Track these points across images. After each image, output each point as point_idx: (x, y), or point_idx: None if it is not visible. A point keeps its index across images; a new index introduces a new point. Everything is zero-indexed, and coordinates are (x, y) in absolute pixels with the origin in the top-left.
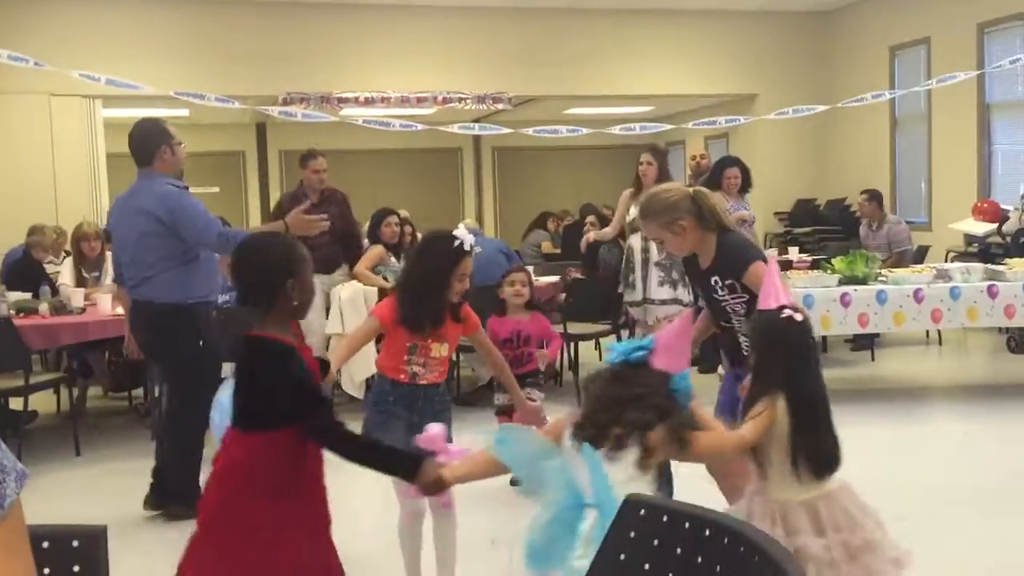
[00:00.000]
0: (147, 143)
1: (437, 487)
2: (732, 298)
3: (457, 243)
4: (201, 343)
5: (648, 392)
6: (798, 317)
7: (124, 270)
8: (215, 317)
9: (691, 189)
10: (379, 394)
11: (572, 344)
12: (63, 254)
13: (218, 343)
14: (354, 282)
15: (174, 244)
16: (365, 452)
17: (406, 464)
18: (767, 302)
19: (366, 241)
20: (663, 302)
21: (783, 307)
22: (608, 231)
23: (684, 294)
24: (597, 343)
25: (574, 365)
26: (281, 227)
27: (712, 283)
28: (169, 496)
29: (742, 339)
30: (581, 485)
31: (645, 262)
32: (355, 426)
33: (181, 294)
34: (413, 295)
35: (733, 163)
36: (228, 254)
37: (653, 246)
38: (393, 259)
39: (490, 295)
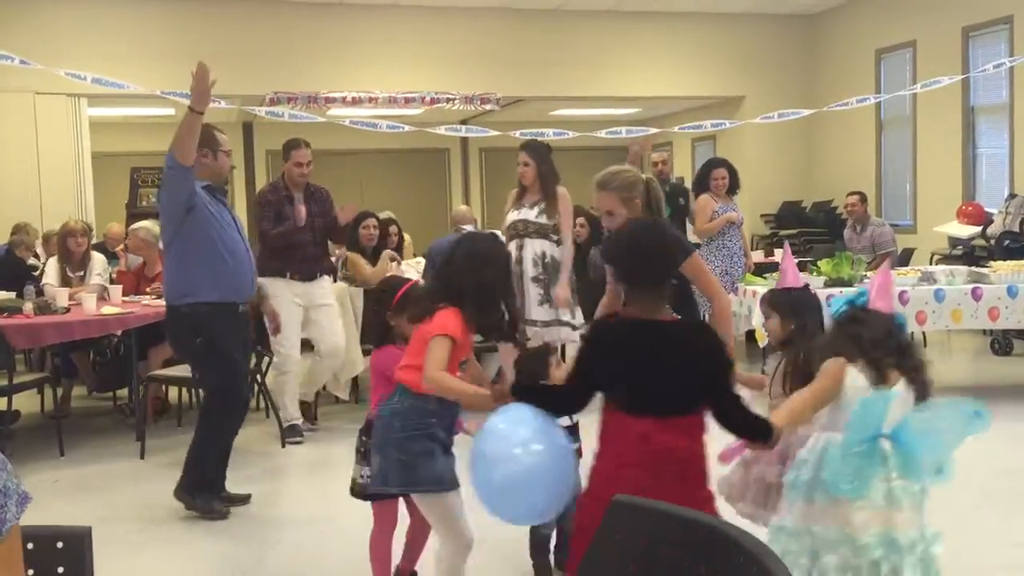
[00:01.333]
0: None
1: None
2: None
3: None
4: (201, 343)
5: (890, 331)
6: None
7: None
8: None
9: (644, 176)
10: (418, 417)
11: (560, 347)
12: (49, 254)
13: (234, 346)
14: (334, 286)
15: (169, 242)
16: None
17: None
18: (796, 281)
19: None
20: (545, 324)
21: (806, 285)
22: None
23: (568, 314)
24: None
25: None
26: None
27: None
28: (180, 481)
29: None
30: (877, 419)
31: (520, 275)
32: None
33: (176, 293)
34: (487, 304)
35: (720, 163)
36: (184, 172)
37: (528, 257)
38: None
39: None
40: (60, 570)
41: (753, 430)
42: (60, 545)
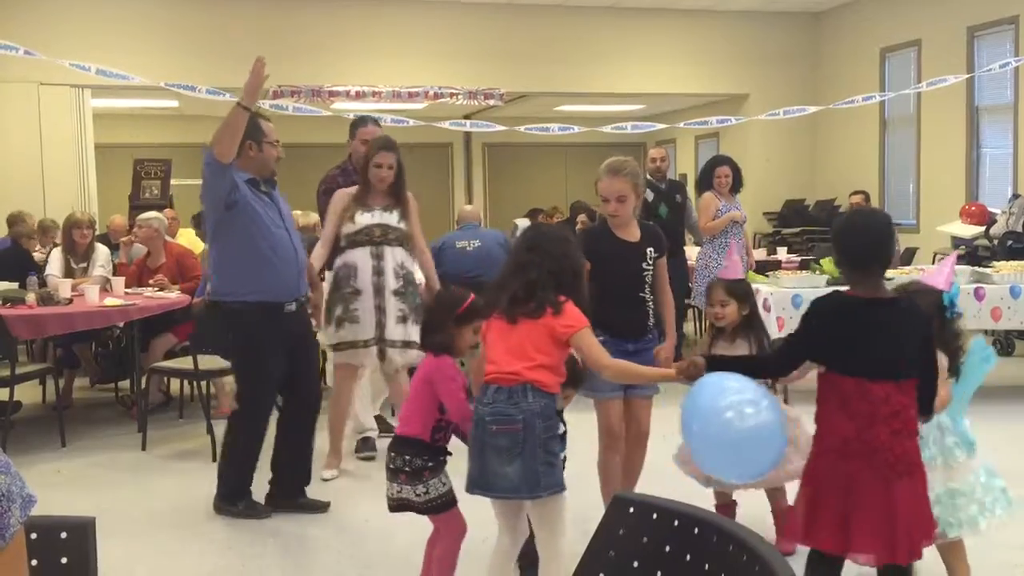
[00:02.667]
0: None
1: None
2: (651, 270)
3: None
4: (237, 344)
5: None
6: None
7: None
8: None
9: None
10: (552, 418)
11: None
12: (51, 245)
13: (270, 350)
14: None
15: (211, 237)
16: None
17: None
18: (741, 273)
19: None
20: (405, 344)
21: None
22: (320, 250)
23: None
24: None
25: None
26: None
27: (647, 252)
28: (218, 492)
29: (651, 309)
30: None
31: (380, 288)
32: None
33: (217, 288)
34: (583, 293)
35: (724, 161)
36: (223, 168)
37: (390, 268)
38: None
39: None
40: (64, 560)
41: (931, 401)
42: (64, 536)
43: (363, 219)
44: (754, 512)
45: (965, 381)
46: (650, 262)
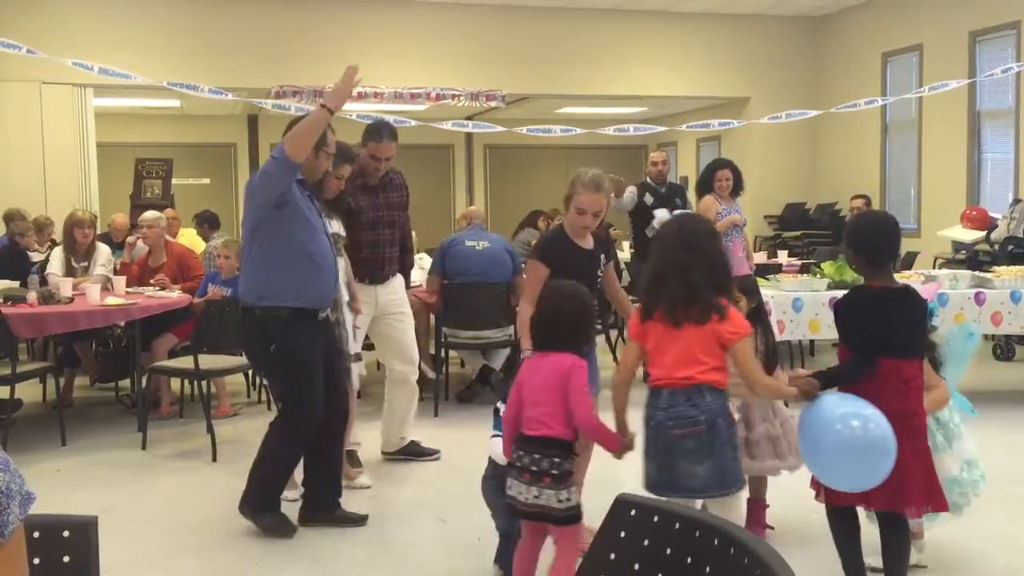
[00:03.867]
0: None
1: None
2: (601, 278)
3: None
4: (275, 351)
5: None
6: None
7: None
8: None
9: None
10: (729, 416)
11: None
12: (50, 243)
13: (312, 356)
14: None
15: (251, 236)
16: None
17: None
18: (748, 269)
19: None
20: (358, 358)
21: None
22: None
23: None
24: None
25: None
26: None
27: (600, 258)
28: (245, 497)
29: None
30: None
31: (336, 303)
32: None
33: (253, 294)
34: (732, 290)
35: (725, 164)
36: (292, 168)
37: (343, 280)
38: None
39: (498, 293)
40: (66, 559)
41: None
42: (66, 534)
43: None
44: (779, 529)
45: (951, 364)
46: (602, 270)
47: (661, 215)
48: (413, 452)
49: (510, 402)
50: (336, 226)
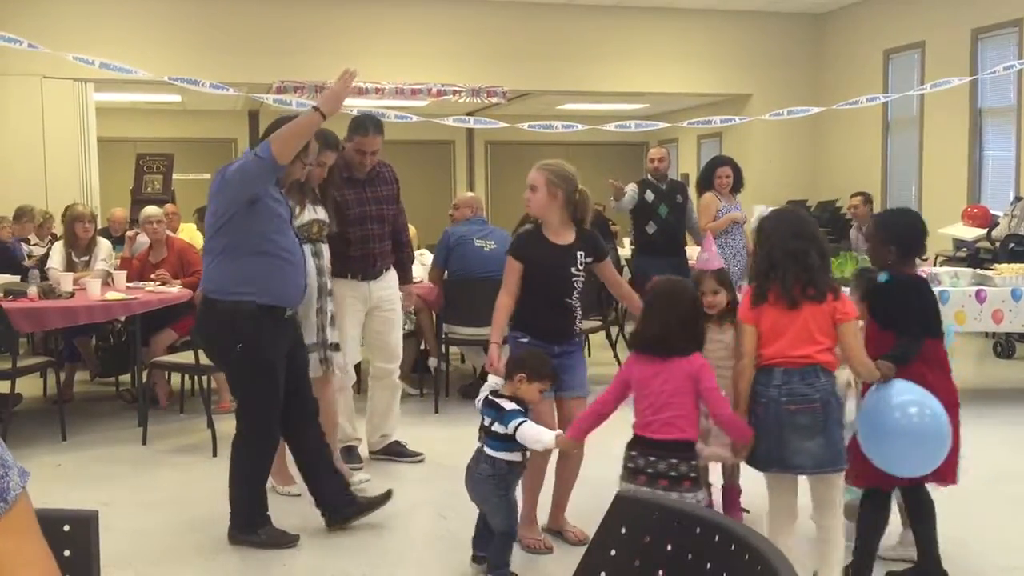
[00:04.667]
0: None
1: None
2: (580, 275)
3: None
4: (240, 350)
5: None
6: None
7: None
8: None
9: (580, 186)
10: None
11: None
12: (50, 238)
13: (276, 357)
14: None
15: (217, 231)
16: None
17: None
18: (721, 263)
19: None
20: (336, 348)
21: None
22: None
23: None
24: (586, 338)
25: None
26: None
27: (577, 256)
28: (233, 522)
29: (578, 315)
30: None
31: (322, 289)
32: None
33: (217, 286)
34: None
35: (725, 162)
36: (274, 170)
37: (327, 266)
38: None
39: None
40: (67, 553)
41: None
42: (67, 529)
43: (306, 214)
44: (753, 512)
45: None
46: (580, 267)
47: (760, 210)
48: (395, 452)
49: (608, 398)
50: (320, 212)
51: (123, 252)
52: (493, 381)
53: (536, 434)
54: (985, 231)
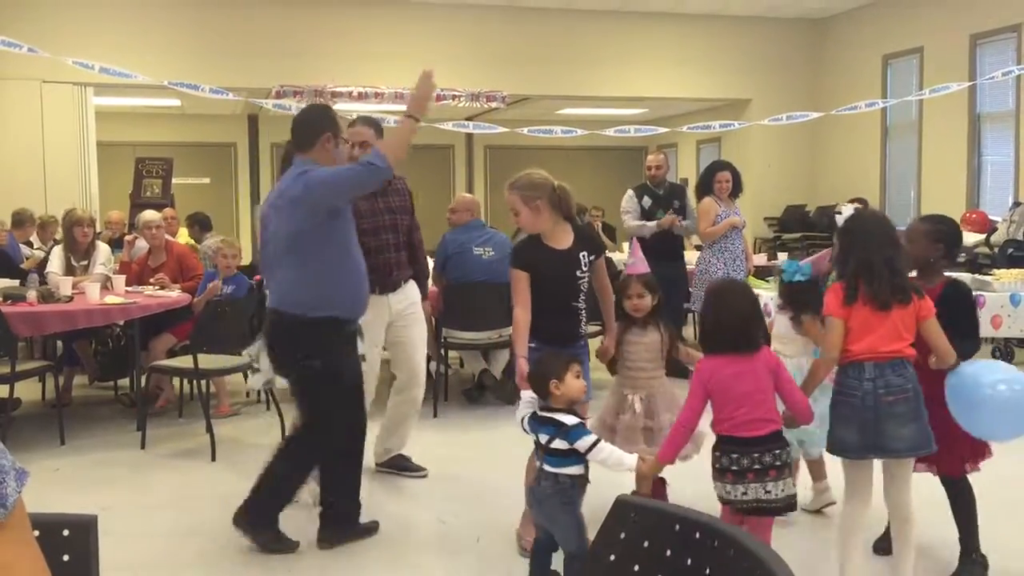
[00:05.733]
0: (309, 128)
1: None
2: (586, 276)
3: None
4: (325, 363)
5: None
6: None
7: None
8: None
9: (556, 183)
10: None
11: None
12: (52, 242)
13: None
14: None
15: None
16: None
17: None
18: (647, 268)
19: None
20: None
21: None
22: None
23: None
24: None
25: None
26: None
27: (580, 258)
28: (247, 509)
29: (584, 317)
30: None
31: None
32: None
33: (295, 300)
34: None
35: (724, 167)
36: (378, 181)
37: None
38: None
39: (500, 294)
40: (65, 558)
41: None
42: (66, 533)
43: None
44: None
45: None
46: (585, 268)
47: (847, 211)
48: (399, 466)
49: (692, 414)
50: None
51: (122, 256)
52: (528, 396)
53: (618, 458)
54: (984, 236)
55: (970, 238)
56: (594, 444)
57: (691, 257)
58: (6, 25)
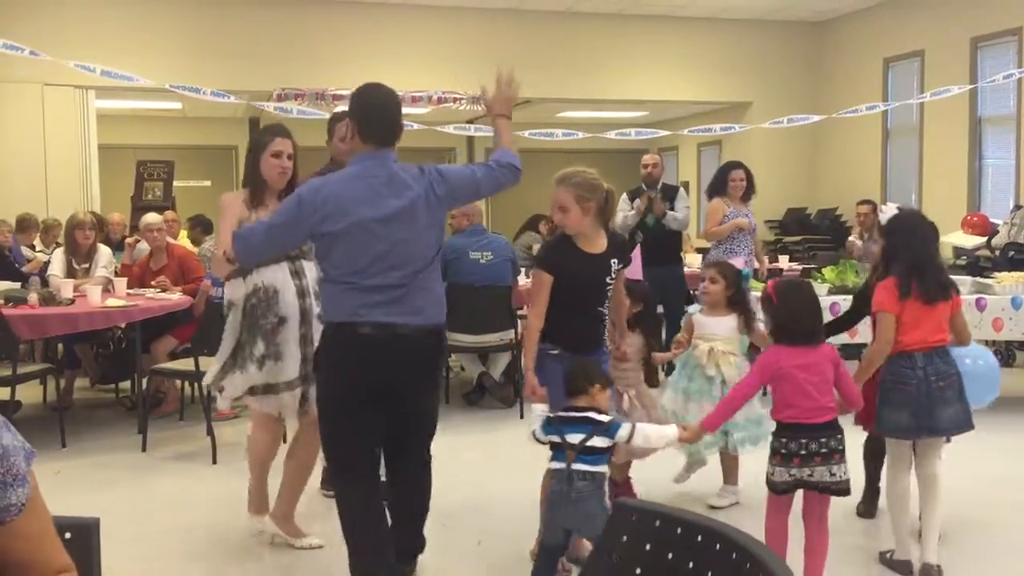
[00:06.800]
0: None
1: None
2: (612, 284)
3: None
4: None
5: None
6: None
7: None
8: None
9: (606, 186)
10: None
11: None
12: (55, 245)
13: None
14: None
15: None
16: None
17: None
18: (640, 275)
19: None
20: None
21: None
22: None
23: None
24: None
25: None
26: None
27: (611, 264)
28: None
29: (605, 324)
30: None
31: (307, 311)
32: None
33: (442, 316)
34: None
35: (738, 166)
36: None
37: (311, 287)
38: None
39: (499, 297)
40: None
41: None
42: (67, 536)
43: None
44: (751, 518)
45: None
46: (613, 275)
47: (889, 210)
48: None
49: (750, 390)
50: None
51: (123, 259)
52: (540, 409)
53: (660, 433)
54: (985, 239)
55: (971, 241)
56: (632, 430)
57: (692, 260)
58: (8, 28)
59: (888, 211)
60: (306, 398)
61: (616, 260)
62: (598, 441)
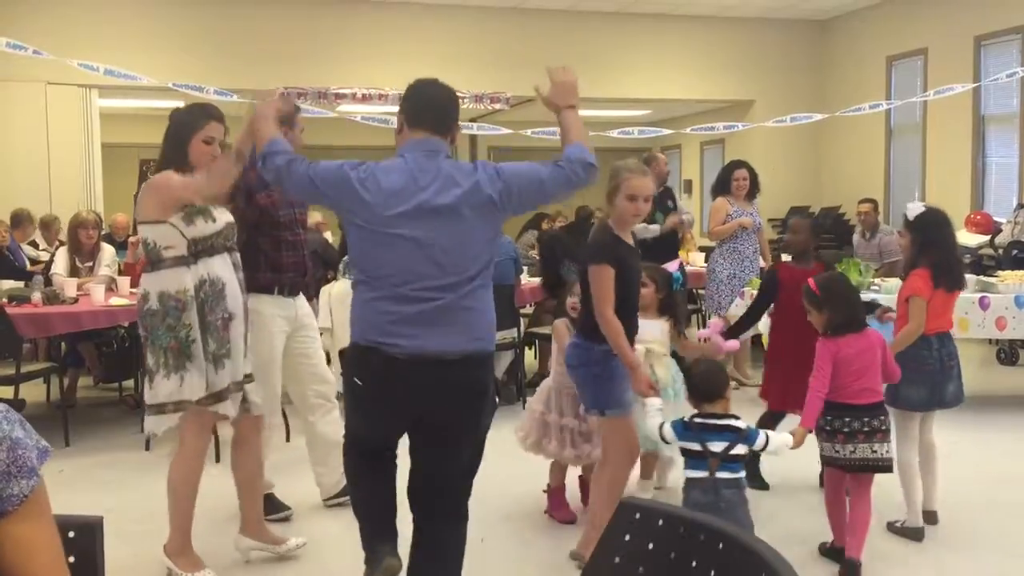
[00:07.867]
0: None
1: None
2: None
3: None
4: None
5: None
6: None
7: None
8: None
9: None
10: None
11: None
12: (57, 243)
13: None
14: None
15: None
16: None
17: None
18: None
19: None
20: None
21: None
22: None
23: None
24: None
25: None
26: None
27: (639, 254)
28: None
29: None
30: None
31: (246, 311)
32: None
33: (491, 331)
34: None
35: (742, 165)
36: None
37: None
38: None
39: (503, 296)
40: (71, 560)
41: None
42: (71, 535)
43: (223, 216)
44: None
45: None
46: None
47: (915, 208)
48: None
49: (824, 383)
50: (227, 213)
51: (127, 258)
52: (656, 404)
53: (784, 439)
54: (988, 238)
55: (974, 240)
56: (768, 439)
57: (694, 259)
58: (11, 27)
59: (915, 208)
60: (246, 399)
61: (640, 251)
62: (740, 449)
